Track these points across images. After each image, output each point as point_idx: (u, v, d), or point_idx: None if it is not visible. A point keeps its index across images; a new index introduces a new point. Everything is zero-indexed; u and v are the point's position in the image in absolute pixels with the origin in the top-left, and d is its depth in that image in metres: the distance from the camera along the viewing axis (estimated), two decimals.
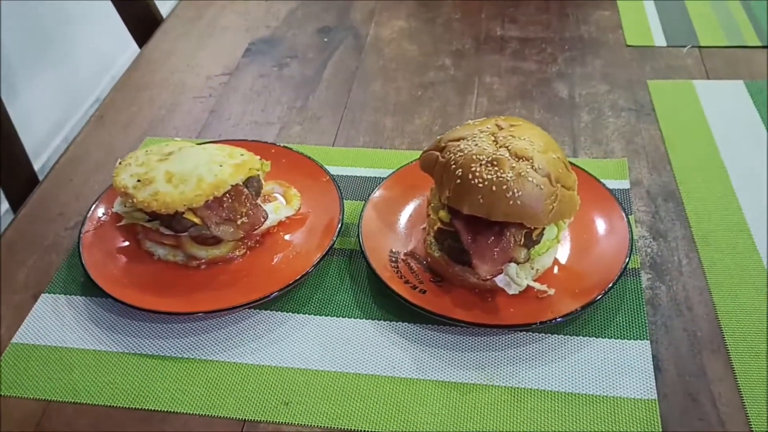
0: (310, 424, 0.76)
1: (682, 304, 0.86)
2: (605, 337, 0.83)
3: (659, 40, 1.33)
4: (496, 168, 0.81)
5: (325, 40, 1.39)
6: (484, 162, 0.81)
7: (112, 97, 1.28)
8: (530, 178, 0.80)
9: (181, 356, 0.83)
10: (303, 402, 0.78)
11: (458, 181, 0.82)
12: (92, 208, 0.98)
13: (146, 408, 0.78)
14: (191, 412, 0.77)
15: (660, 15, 1.41)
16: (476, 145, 0.83)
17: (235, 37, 1.42)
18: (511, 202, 0.79)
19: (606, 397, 0.77)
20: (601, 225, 0.93)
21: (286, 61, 1.34)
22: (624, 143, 1.10)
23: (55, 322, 0.87)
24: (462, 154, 0.83)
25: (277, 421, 0.76)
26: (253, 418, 0.77)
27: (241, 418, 0.77)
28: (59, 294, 0.91)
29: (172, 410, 0.78)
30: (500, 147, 0.83)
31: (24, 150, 1.26)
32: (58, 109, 2.07)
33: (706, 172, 1.03)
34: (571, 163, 0.99)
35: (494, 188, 0.80)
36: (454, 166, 0.83)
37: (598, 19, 1.41)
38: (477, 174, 0.81)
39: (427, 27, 1.43)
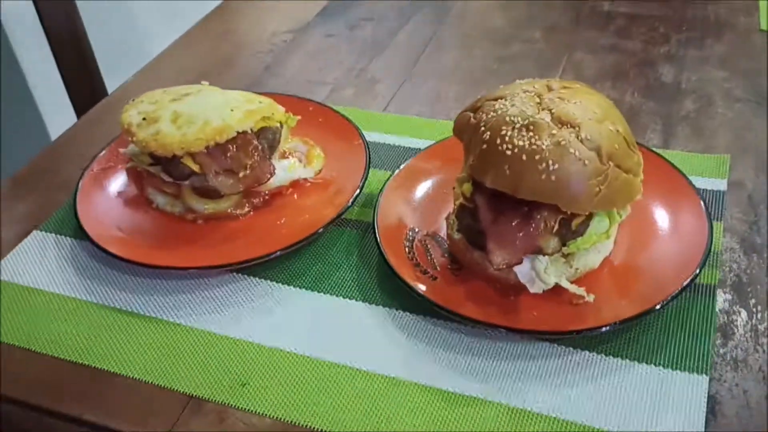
0: (262, 412, 0.63)
1: (765, 337, 0.65)
2: (651, 363, 0.64)
3: None
4: (531, 133, 0.65)
5: (408, 5, 1.26)
6: (518, 126, 0.66)
7: (174, 45, 1.22)
8: (572, 150, 0.63)
9: (145, 314, 0.73)
10: (264, 386, 0.66)
11: (484, 146, 0.67)
12: (105, 149, 0.91)
13: (93, 365, 0.69)
14: (138, 377, 0.67)
15: None
16: (513, 105, 0.68)
17: None
18: (543, 177, 0.63)
19: None
20: (673, 227, 0.74)
21: (360, 23, 1.22)
22: (731, 138, 0.89)
23: (34, 262, 0.80)
24: (495, 114, 0.68)
25: (227, 402, 0.64)
26: (200, 395, 0.65)
27: (187, 392, 0.66)
28: (50, 233, 0.84)
29: (119, 372, 0.68)
30: (543, 110, 0.67)
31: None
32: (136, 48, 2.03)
33: None
34: (646, 148, 0.81)
35: (524, 158, 0.64)
36: (483, 128, 0.68)
37: (732, 1, 1.19)
38: (507, 139, 0.65)
39: None
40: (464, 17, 1.23)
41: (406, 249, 0.75)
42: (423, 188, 0.82)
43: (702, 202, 0.75)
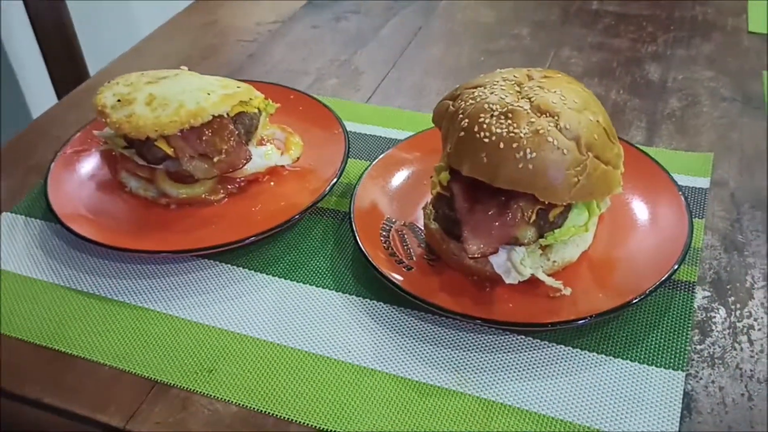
0: (228, 399, 0.62)
1: (743, 335, 0.64)
2: (626, 358, 0.63)
3: None
4: (509, 121, 0.63)
5: None
6: (496, 113, 0.64)
7: (158, 31, 1.20)
8: (550, 138, 0.62)
9: (112, 298, 0.72)
10: (231, 372, 0.64)
11: (462, 133, 0.65)
12: (79, 131, 0.89)
13: (57, 348, 0.67)
14: (101, 361, 0.65)
15: None
16: (493, 93, 0.66)
17: None
18: (520, 165, 0.62)
19: None
20: (653, 222, 0.73)
21: (346, 15, 1.21)
22: (716, 137, 0.88)
23: (3, 243, 0.78)
24: (474, 102, 0.67)
25: (193, 388, 0.63)
26: (165, 380, 0.63)
27: (152, 377, 0.64)
28: (21, 215, 0.82)
29: (80, 355, 0.66)
30: (522, 98, 0.66)
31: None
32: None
33: None
34: (629, 144, 0.80)
35: (502, 145, 0.62)
36: (461, 116, 0.67)
37: (720, 2, 1.18)
38: (485, 126, 0.64)
39: None
40: (452, 13, 1.22)
41: (382, 239, 0.73)
42: (401, 178, 0.81)
43: (683, 199, 0.74)
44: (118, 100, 0.79)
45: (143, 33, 1.20)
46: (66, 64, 1.41)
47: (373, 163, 0.81)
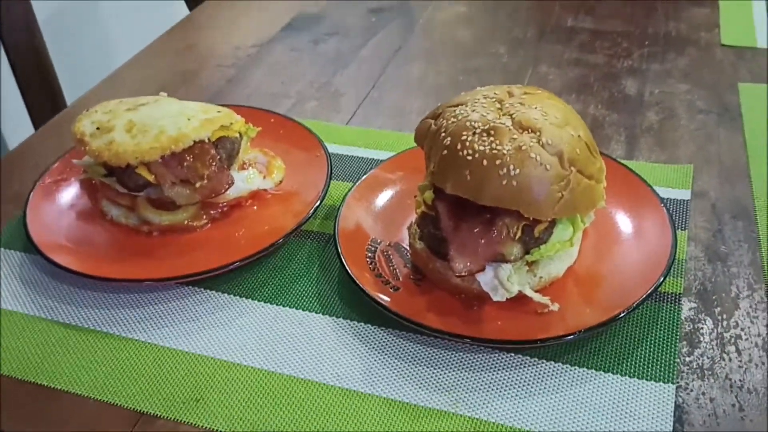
0: (217, 428, 0.61)
1: (731, 345, 0.64)
2: (616, 372, 0.63)
3: (763, 41, 1.11)
4: (492, 138, 0.63)
5: (373, 20, 1.26)
6: (479, 131, 0.64)
7: (136, 57, 1.20)
8: (533, 155, 0.62)
9: (96, 329, 0.70)
10: (219, 401, 0.63)
11: (445, 152, 0.65)
12: (58, 160, 0.88)
13: (39, 382, 0.66)
14: (85, 394, 0.64)
15: None
16: (474, 111, 0.67)
17: (279, 11, 1.31)
18: (504, 182, 0.62)
19: None
20: (637, 235, 0.73)
21: (324, 37, 1.21)
22: (694, 149, 0.89)
23: None
24: (455, 120, 0.67)
25: (180, 419, 0.62)
26: (151, 411, 0.62)
27: (138, 409, 0.63)
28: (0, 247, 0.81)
29: (65, 389, 0.65)
30: (504, 115, 0.66)
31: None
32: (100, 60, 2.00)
33: None
34: (611, 158, 0.81)
35: (485, 162, 0.63)
36: (444, 134, 0.67)
37: (693, 16, 1.20)
38: (467, 144, 0.64)
39: (489, 13, 1.26)
40: (429, 32, 1.22)
41: (368, 260, 0.73)
42: (385, 198, 0.80)
43: (666, 211, 0.74)
44: (97, 128, 0.78)
45: (120, 60, 1.20)
46: (42, 92, 1.40)
47: (356, 184, 0.81)
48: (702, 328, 0.66)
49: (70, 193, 0.84)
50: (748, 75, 1.03)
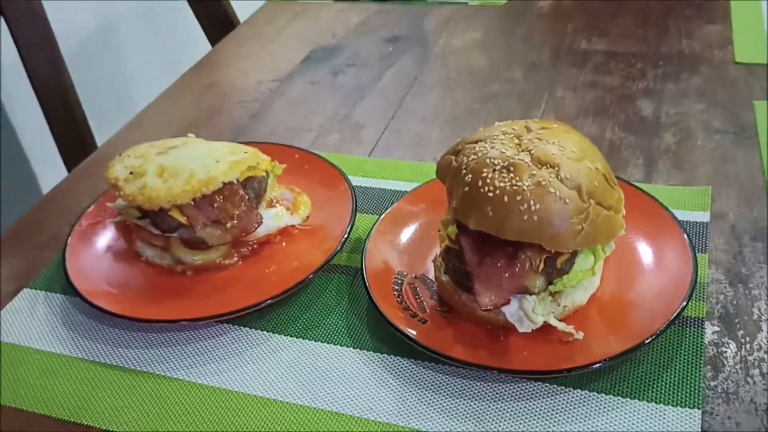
0: None
1: (755, 368, 0.66)
2: (642, 399, 0.64)
3: None
4: (512, 175, 0.66)
5: (390, 49, 1.29)
6: (498, 167, 0.67)
7: (160, 97, 1.24)
8: (552, 189, 0.64)
9: (137, 368, 0.73)
10: None
11: (466, 188, 0.68)
12: (92, 204, 0.91)
13: (85, 423, 0.68)
14: None
15: None
16: (493, 147, 0.69)
17: (297, 44, 1.34)
18: (525, 217, 0.64)
19: None
20: (658, 261, 0.75)
21: (343, 68, 1.24)
22: (712, 170, 0.91)
23: (25, 320, 0.80)
24: (475, 157, 0.69)
25: None
26: None
27: None
28: (40, 290, 0.84)
29: (108, 428, 0.67)
30: (522, 151, 0.68)
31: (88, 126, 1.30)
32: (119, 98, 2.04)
33: None
34: (628, 183, 0.82)
35: (506, 198, 0.65)
36: (464, 171, 0.69)
37: (706, 34, 1.21)
38: (488, 181, 0.66)
39: (503, 38, 1.29)
40: (445, 59, 1.25)
41: (395, 293, 0.75)
42: (409, 231, 0.83)
43: (686, 235, 0.76)
44: (131, 173, 0.82)
45: (142, 96, 1.23)
46: (70, 131, 1.44)
47: (381, 217, 0.84)
48: (726, 351, 0.68)
49: (105, 236, 0.88)
50: (762, 92, 1.05)
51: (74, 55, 1.49)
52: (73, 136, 1.44)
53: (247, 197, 0.81)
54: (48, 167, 1.59)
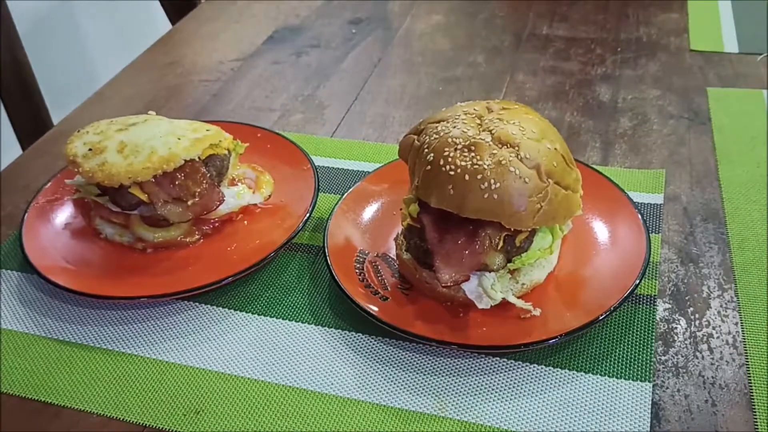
0: None
1: (703, 343, 0.68)
2: (596, 373, 0.66)
3: (730, 46, 1.15)
4: (473, 154, 0.67)
5: (353, 31, 1.29)
6: (459, 147, 0.68)
7: (120, 75, 1.22)
8: (512, 168, 0.65)
9: (95, 345, 0.73)
10: (218, 412, 0.66)
11: (428, 167, 0.68)
12: (51, 181, 0.90)
13: (40, 399, 0.68)
14: (87, 410, 0.66)
15: (736, 19, 1.22)
16: (455, 127, 0.70)
17: (260, 24, 1.34)
18: (485, 196, 0.65)
19: None
20: (613, 240, 0.77)
21: (306, 50, 1.24)
22: (666, 154, 0.93)
23: None
24: (437, 137, 0.70)
25: (181, 431, 0.64)
26: (153, 425, 0.65)
27: (140, 422, 0.65)
28: None
29: (67, 405, 0.67)
30: (483, 131, 0.69)
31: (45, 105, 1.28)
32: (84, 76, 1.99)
33: (758, 193, 0.85)
34: (586, 166, 0.84)
35: (467, 177, 0.66)
36: (426, 150, 0.70)
37: (663, 21, 1.24)
38: (450, 160, 0.67)
39: (465, 22, 1.30)
40: (408, 41, 1.25)
41: (357, 271, 0.76)
42: (372, 210, 0.83)
43: (640, 216, 0.78)
44: (90, 149, 0.81)
45: (101, 73, 1.21)
46: (26, 109, 1.41)
47: (344, 197, 0.84)
48: (676, 327, 0.70)
49: (63, 213, 0.86)
50: (716, 79, 1.07)
51: (30, 33, 1.46)
52: (28, 114, 1.41)
53: (208, 175, 0.81)
54: (3, 145, 1.56)
